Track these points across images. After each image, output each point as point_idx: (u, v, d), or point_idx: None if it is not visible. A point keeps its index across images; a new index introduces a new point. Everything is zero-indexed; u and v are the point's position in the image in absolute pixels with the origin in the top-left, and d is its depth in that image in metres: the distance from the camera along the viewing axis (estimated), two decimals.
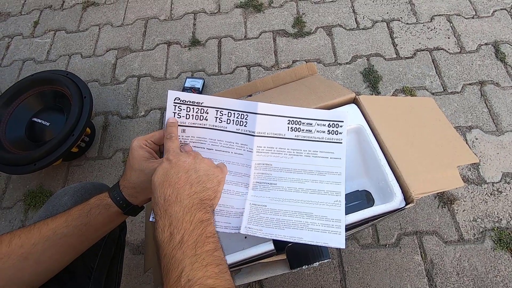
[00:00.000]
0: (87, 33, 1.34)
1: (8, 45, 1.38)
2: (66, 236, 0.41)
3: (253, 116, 0.49)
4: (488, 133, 0.93)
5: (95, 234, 0.45)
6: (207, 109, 0.50)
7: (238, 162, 0.50)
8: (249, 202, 0.48)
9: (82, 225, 0.42)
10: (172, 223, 0.35)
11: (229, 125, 0.50)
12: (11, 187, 1.04)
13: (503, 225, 0.81)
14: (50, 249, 0.40)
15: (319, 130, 0.49)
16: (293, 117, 0.50)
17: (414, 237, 0.82)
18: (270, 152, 0.50)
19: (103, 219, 0.43)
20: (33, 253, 0.39)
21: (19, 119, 0.95)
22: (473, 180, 0.87)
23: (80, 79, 0.97)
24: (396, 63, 1.08)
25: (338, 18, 1.20)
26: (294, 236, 0.44)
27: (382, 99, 0.61)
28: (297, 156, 0.49)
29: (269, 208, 0.47)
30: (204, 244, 0.34)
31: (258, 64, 1.15)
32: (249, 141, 0.49)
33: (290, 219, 0.46)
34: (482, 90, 1.00)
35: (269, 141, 0.50)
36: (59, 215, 0.42)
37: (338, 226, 0.43)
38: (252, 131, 0.49)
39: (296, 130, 0.50)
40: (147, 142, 0.45)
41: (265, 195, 0.49)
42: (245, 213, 0.48)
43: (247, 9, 1.28)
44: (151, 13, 1.35)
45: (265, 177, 0.49)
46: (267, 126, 0.49)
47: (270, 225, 0.45)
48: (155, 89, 1.16)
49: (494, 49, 1.06)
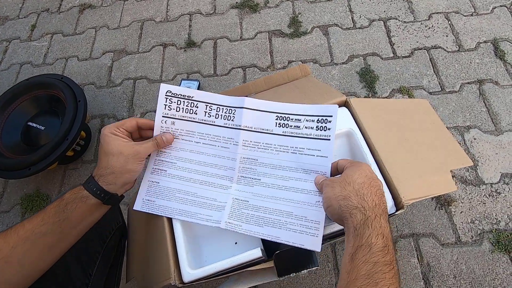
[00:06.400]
0: (83, 36, 1.34)
1: (6, 48, 1.38)
2: (45, 235, 0.41)
3: (240, 110, 0.49)
4: (486, 132, 0.92)
5: (74, 230, 0.44)
6: (197, 103, 0.50)
7: (224, 155, 0.50)
8: (232, 196, 0.49)
9: (60, 222, 0.41)
10: (385, 236, 0.35)
11: (217, 119, 0.50)
12: (8, 191, 1.05)
13: (502, 227, 0.80)
14: (31, 250, 0.40)
15: (307, 126, 0.48)
16: (282, 113, 0.49)
17: (411, 240, 0.81)
18: (256, 147, 0.49)
19: (81, 212, 0.43)
20: (13, 256, 0.39)
21: (15, 123, 0.95)
22: (471, 181, 0.86)
23: (75, 83, 0.97)
24: (393, 62, 1.06)
25: (334, 17, 1.19)
26: (271, 234, 0.44)
27: (374, 102, 0.60)
28: (284, 153, 0.49)
29: (251, 204, 0.47)
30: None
31: (254, 65, 1.14)
32: (235, 134, 0.50)
33: (270, 216, 0.46)
34: (481, 89, 0.98)
35: (256, 135, 0.49)
36: (35, 215, 0.42)
37: (316, 228, 0.43)
38: (239, 125, 0.49)
39: (284, 126, 0.49)
40: (119, 129, 0.46)
41: (248, 190, 0.49)
42: (226, 207, 0.48)
43: (242, 9, 1.27)
44: (147, 15, 1.34)
45: (250, 172, 0.49)
46: (255, 120, 0.49)
47: (250, 222, 0.45)
48: (151, 91, 1.16)
49: (493, 46, 1.04)
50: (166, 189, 0.50)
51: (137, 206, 0.50)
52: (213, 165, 0.50)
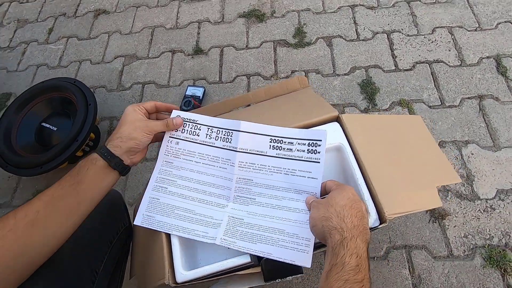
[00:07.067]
0: (97, 40, 1.40)
1: (24, 50, 1.46)
2: (63, 198, 0.45)
3: (236, 133, 0.53)
4: (484, 148, 0.92)
5: (90, 193, 0.47)
6: (200, 126, 0.55)
7: (222, 175, 0.54)
8: (228, 214, 0.52)
9: (75, 184, 0.45)
10: (359, 256, 0.37)
11: (217, 141, 0.54)
12: (21, 186, 1.11)
13: (495, 243, 0.81)
14: (53, 213, 0.44)
15: (299, 149, 0.51)
16: (275, 136, 0.52)
17: (403, 251, 0.82)
18: (251, 168, 0.53)
19: (93, 175, 0.47)
20: (38, 220, 0.42)
21: (30, 123, 1.01)
22: (466, 196, 0.87)
23: (87, 87, 1.03)
24: (394, 75, 1.08)
25: (338, 28, 1.21)
26: (264, 251, 0.46)
27: (366, 118, 0.62)
28: (277, 174, 0.52)
29: (245, 221, 0.50)
30: None
31: (258, 73, 1.17)
32: (232, 156, 0.53)
33: (263, 234, 0.48)
34: (481, 105, 0.99)
35: (251, 157, 0.53)
36: (54, 184, 0.46)
37: (307, 245, 0.46)
38: (235, 147, 0.53)
39: (277, 148, 0.52)
40: (140, 107, 0.53)
41: (243, 209, 0.51)
42: (222, 225, 0.51)
43: (249, 18, 1.31)
44: (158, 22, 1.39)
45: (245, 192, 0.52)
46: (250, 143, 0.53)
47: (244, 239, 0.48)
48: (158, 96, 1.20)
49: (495, 62, 1.05)
50: (165, 206, 0.53)
51: (137, 221, 0.53)
52: (211, 184, 0.53)
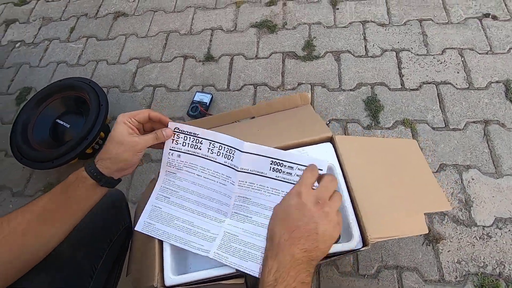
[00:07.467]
0: (114, 41, 1.46)
1: (46, 47, 1.53)
2: (54, 211, 0.46)
3: (239, 153, 0.54)
4: (486, 174, 0.92)
5: (78, 206, 0.49)
6: (202, 140, 0.56)
7: (221, 191, 0.56)
8: (224, 229, 0.54)
9: (66, 199, 0.47)
10: (278, 270, 0.36)
11: (218, 157, 0.55)
12: (34, 177, 1.17)
13: (488, 271, 0.80)
14: (44, 224, 0.46)
15: (298, 174, 0.51)
16: (277, 159, 0.53)
17: (394, 271, 0.83)
18: (251, 187, 0.54)
19: (84, 191, 0.48)
20: (30, 229, 0.45)
21: (45, 119, 1.07)
22: (463, 221, 0.87)
23: (100, 88, 1.08)
24: (400, 94, 1.08)
25: (348, 44, 1.22)
26: (254, 270, 0.48)
27: (360, 140, 0.64)
28: (275, 195, 0.53)
29: (240, 238, 0.52)
30: None
31: (265, 83, 1.20)
32: (233, 174, 0.54)
33: (255, 253, 0.50)
34: (486, 130, 0.98)
35: (251, 177, 0.54)
36: (44, 195, 0.47)
37: None
38: (237, 167, 0.54)
39: (277, 171, 0.52)
40: (131, 120, 0.50)
41: (239, 226, 0.53)
42: (217, 239, 0.53)
43: (261, 29, 1.34)
44: (173, 27, 1.44)
45: (243, 209, 0.54)
46: (251, 163, 0.53)
47: (236, 255, 0.50)
48: (167, 99, 1.25)
49: (504, 87, 1.04)
50: (166, 215, 0.56)
51: (138, 227, 0.56)
52: (210, 198, 0.55)
